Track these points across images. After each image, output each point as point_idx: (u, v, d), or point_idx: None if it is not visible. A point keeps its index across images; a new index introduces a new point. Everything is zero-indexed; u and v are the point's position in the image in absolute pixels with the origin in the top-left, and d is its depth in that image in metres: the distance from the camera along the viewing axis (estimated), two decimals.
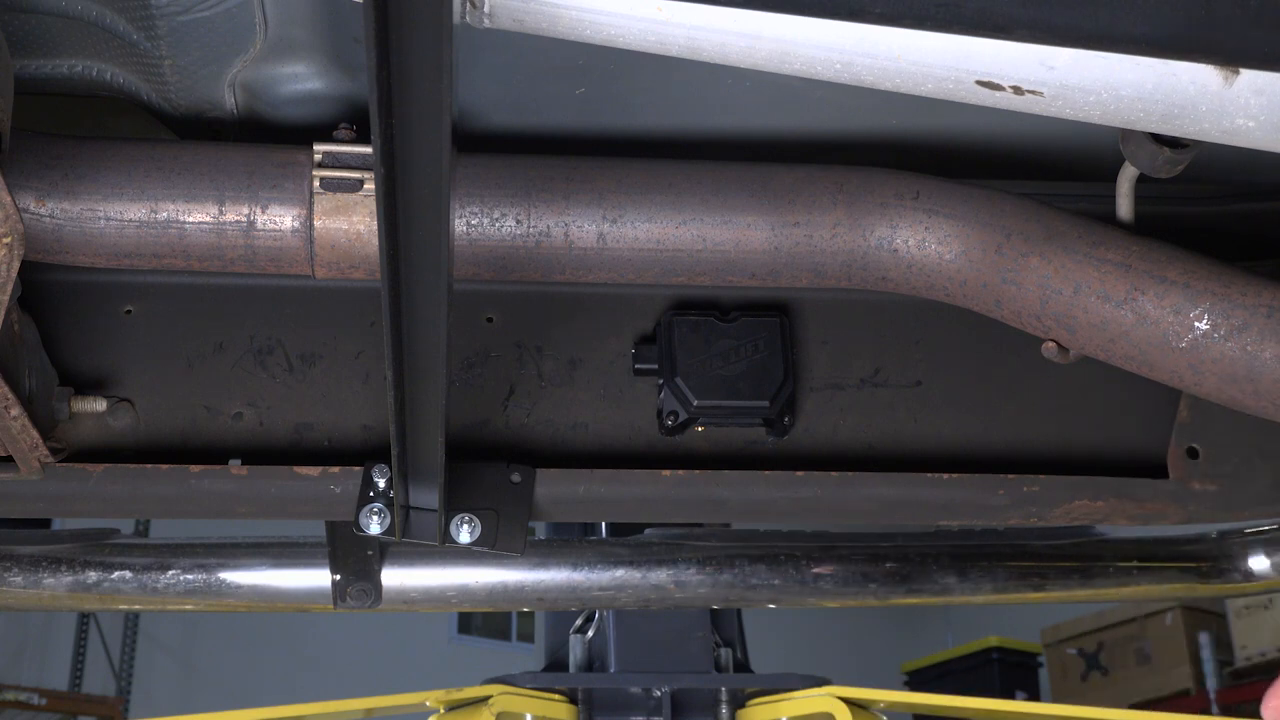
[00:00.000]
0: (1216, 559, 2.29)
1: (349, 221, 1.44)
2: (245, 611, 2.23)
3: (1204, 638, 7.37)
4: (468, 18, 1.11)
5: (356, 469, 1.58)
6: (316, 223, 1.43)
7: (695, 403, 1.63)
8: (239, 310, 1.66)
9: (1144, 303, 1.38)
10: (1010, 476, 1.66)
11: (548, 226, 1.48)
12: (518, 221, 1.48)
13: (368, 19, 0.88)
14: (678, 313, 1.70)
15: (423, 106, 0.96)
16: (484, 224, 1.48)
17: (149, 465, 1.56)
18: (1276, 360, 1.35)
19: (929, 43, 1.10)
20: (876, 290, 1.55)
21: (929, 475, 1.65)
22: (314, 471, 1.58)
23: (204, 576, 2.17)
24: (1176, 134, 1.16)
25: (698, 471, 1.64)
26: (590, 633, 3.00)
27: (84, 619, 9.04)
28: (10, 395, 1.37)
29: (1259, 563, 2.27)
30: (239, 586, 2.17)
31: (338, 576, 2.09)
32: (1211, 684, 7.29)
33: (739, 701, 2.82)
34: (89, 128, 1.56)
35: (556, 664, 3.10)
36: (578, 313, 1.71)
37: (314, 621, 9.27)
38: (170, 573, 2.16)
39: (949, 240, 1.48)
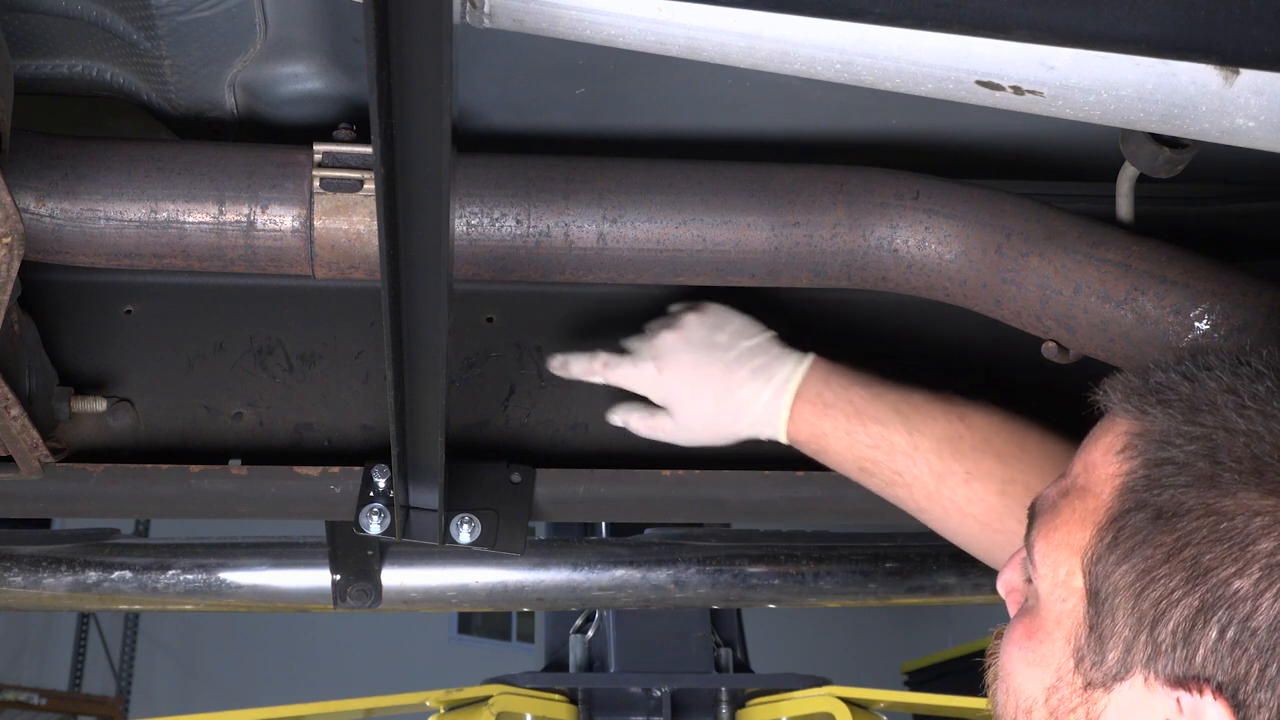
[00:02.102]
0: None
1: (349, 221, 1.43)
2: (245, 611, 2.23)
3: None
4: (468, 18, 1.11)
5: (356, 469, 1.58)
6: (316, 223, 1.43)
7: None
8: (239, 310, 1.66)
9: (1144, 303, 1.38)
10: None
11: (548, 226, 1.48)
12: (518, 221, 1.48)
13: (368, 19, 0.88)
14: None
15: (423, 106, 0.96)
16: (484, 224, 1.48)
17: (149, 465, 1.56)
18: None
19: (929, 43, 1.10)
20: (876, 290, 1.55)
21: None
22: (314, 471, 1.58)
23: (204, 576, 2.17)
24: (1176, 134, 1.16)
25: (698, 471, 1.64)
26: (590, 633, 3.00)
27: (84, 619, 9.05)
28: (10, 395, 1.37)
29: None
30: (239, 586, 2.18)
31: (338, 576, 2.09)
32: None
33: (739, 701, 2.83)
34: (89, 128, 1.56)
35: (556, 664, 3.10)
36: (578, 313, 1.71)
37: (314, 621, 9.27)
38: (170, 573, 2.16)
39: (949, 240, 1.48)
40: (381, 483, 1.55)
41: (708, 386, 1.53)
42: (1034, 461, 1.44)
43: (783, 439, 1.55)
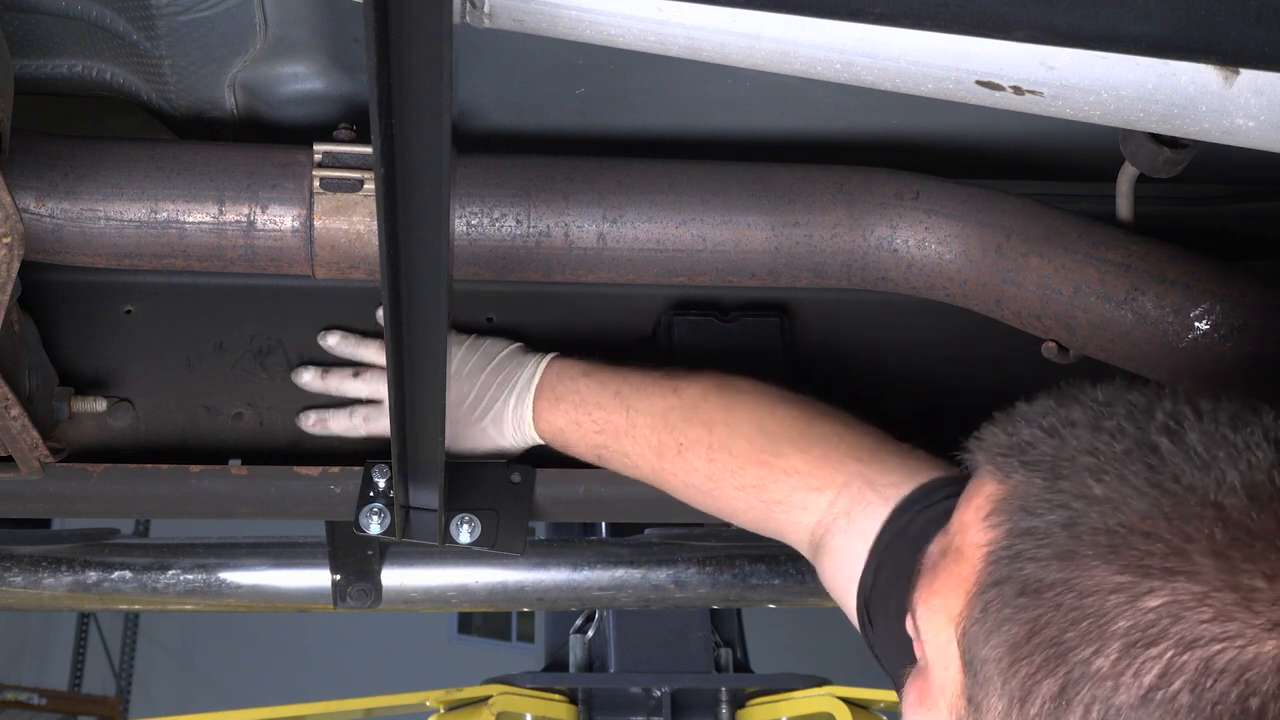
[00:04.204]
0: None
1: (349, 221, 1.43)
2: (245, 611, 2.23)
3: None
4: (468, 18, 1.11)
5: (356, 469, 1.57)
6: (316, 223, 1.43)
7: None
8: (239, 310, 1.66)
9: (1144, 303, 1.38)
10: None
11: (548, 226, 1.48)
12: (518, 221, 1.48)
13: (368, 19, 0.88)
14: (678, 313, 1.69)
15: (423, 106, 0.96)
16: (484, 224, 1.48)
17: (149, 465, 1.56)
18: (1277, 360, 1.35)
19: (929, 43, 1.10)
20: (876, 290, 1.55)
21: None
22: (314, 471, 1.58)
23: (204, 576, 2.17)
24: (1176, 134, 1.16)
25: None
26: (590, 633, 3.00)
27: (84, 619, 9.05)
28: (10, 395, 1.37)
29: None
30: (239, 586, 2.17)
31: (338, 576, 2.09)
32: None
33: (739, 701, 2.83)
34: (89, 128, 1.56)
35: (556, 664, 3.10)
36: (578, 313, 1.71)
37: (314, 621, 9.27)
38: (170, 573, 2.16)
39: (949, 240, 1.48)
40: (381, 483, 1.55)
41: (473, 406, 1.55)
42: (738, 425, 1.45)
43: (540, 442, 1.57)
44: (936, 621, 0.99)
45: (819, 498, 1.41)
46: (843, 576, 1.39)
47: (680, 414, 1.48)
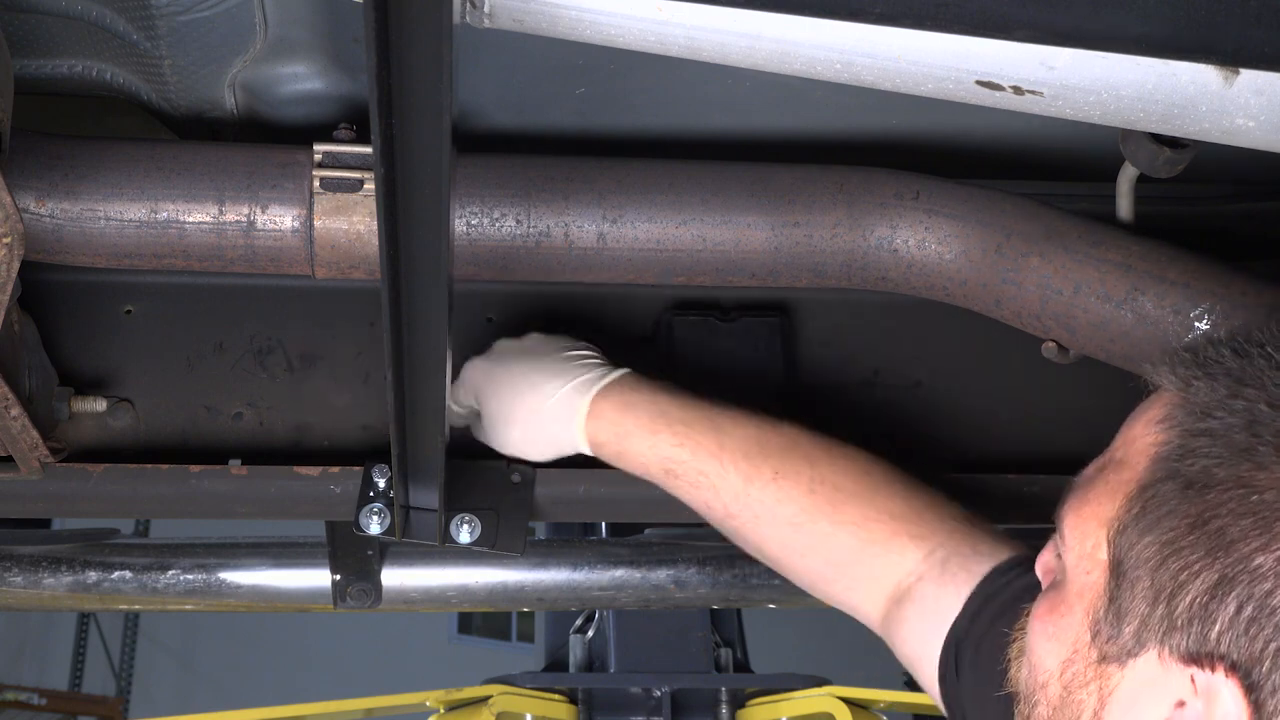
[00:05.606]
0: None
1: (349, 221, 1.43)
2: (245, 611, 2.23)
3: None
4: (468, 18, 1.11)
5: (356, 469, 1.58)
6: (316, 223, 1.43)
7: None
8: (239, 310, 1.66)
9: (1144, 303, 1.38)
10: (1011, 476, 1.66)
11: (548, 226, 1.48)
12: (518, 221, 1.48)
13: (368, 19, 0.88)
14: (678, 313, 1.69)
15: (423, 106, 0.96)
16: (484, 224, 1.48)
17: (149, 465, 1.56)
18: None
19: (929, 43, 1.10)
20: (876, 290, 1.55)
21: (928, 476, 1.65)
22: (314, 471, 1.58)
23: (204, 576, 2.17)
24: (1176, 134, 1.16)
25: None
26: (590, 633, 3.00)
27: (84, 619, 9.05)
28: (10, 395, 1.37)
29: None
30: (239, 586, 2.17)
31: (338, 576, 2.09)
32: None
33: (739, 701, 2.83)
34: (89, 128, 1.56)
35: (556, 664, 3.11)
36: (578, 313, 1.71)
37: (314, 621, 9.27)
38: (170, 573, 2.16)
39: (949, 240, 1.48)
40: (381, 483, 1.55)
41: (510, 378, 1.52)
42: (842, 465, 1.44)
43: (582, 442, 1.52)
44: (1085, 528, 0.97)
45: (918, 547, 1.39)
46: (928, 625, 1.35)
47: (777, 445, 1.45)
